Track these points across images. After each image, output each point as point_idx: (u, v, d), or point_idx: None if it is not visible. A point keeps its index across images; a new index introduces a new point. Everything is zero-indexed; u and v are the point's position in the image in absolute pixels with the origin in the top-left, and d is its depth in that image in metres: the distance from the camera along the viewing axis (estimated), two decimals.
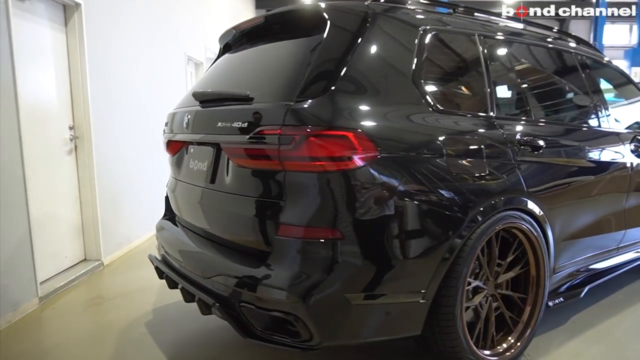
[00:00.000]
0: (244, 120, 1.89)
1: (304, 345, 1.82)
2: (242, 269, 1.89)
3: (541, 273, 2.36)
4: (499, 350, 2.24)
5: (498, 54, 2.49)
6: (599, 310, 2.93)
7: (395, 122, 1.93)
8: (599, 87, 3.05)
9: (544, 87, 2.79)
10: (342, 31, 1.96)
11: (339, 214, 1.74)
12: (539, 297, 2.37)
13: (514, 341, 2.29)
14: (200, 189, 2.27)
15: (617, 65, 3.50)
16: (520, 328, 2.32)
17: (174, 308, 3.08)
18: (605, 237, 2.86)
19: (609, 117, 2.98)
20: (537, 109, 2.57)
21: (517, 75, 2.53)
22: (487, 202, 2.06)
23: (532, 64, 2.76)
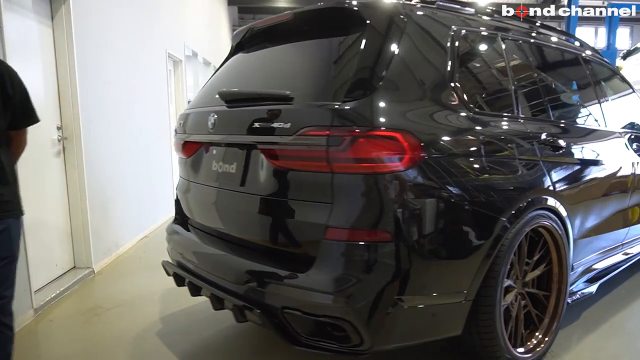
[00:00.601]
0: (287, 121, 1.86)
1: (353, 351, 1.81)
2: (286, 274, 1.85)
3: (563, 270, 2.44)
4: (530, 347, 2.30)
5: (518, 55, 2.56)
6: (606, 305, 3.05)
7: (437, 122, 1.95)
8: (605, 88, 3.19)
9: (559, 88, 2.88)
10: (381, 31, 1.96)
11: (390, 215, 1.74)
12: (561, 294, 2.44)
13: (541, 336, 2.36)
14: (227, 192, 2.22)
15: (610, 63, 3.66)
16: (545, 324, 2.39)
17: (183, 316, 3.00)
18: (613, 234, 2.99)
19: (614, 118, 3.12)
20: (554, 109, 2.65)
21: (535, 76, 2.60)
22: (521, 201, 2.11)
23: (547, 65, 2.85)
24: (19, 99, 1.99)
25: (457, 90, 2.07)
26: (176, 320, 2.94)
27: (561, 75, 2.98)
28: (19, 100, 1.99)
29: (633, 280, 3.50)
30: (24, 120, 2.04)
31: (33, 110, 2.07)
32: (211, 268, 2.22)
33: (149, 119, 5.66)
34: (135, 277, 3.82)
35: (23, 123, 2.05)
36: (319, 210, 1.81)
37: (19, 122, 2.02)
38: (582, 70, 3.08)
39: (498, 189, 2.05)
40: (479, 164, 2.01)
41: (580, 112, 2.91)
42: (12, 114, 1.97)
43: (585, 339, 2.61)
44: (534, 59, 2.69)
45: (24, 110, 2.03)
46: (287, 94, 1.93)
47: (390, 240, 1.74)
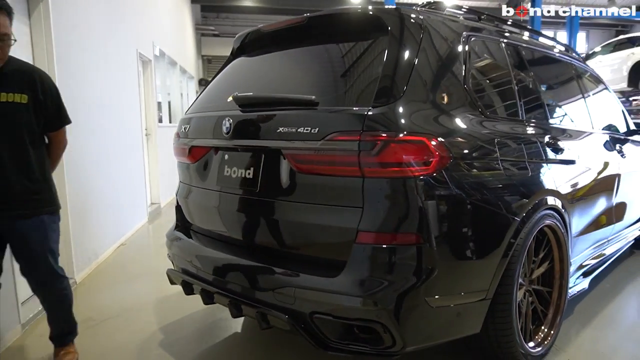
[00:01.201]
0: (314, 126, 1.89)
1: (385, 352, 1.86)
2: (315, 280, 1.88)
3: (565, 267, 2.58)
4: (538, 341, 2.43)
5: (519, 61, 2.69)
6: (595, 299, 3.25)
7: (457, 126, 2.03)
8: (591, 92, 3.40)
9: (555, 93, 3.05)
10: (402, 37, 2.02)
11: (419, 218, 1.81)
12: (563, 289, 2.59)
13: (547, 330, 2.49)
14: (242, 197, 2.22)
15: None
16: (550, 318, 2.53)
17: (183, 325, 2.96)
18: (602, 230, 3.19)
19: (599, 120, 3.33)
20: (552, 112, 2.80)
21: (534, 81, 2.74)
22: (532, 201, 2.23)
23: (543, 70, 3.01)
24: (51, 103, 2.22)
25: (471, 95, 2.17)
26: (177, 330, 2.90)
27: (555, 80, 3.15)
28: (51, 104, 2.22)
29: (614, 274, 3.74)
30: (57, 122, 2.29)
31: (64, 112, 2.32)
32: (228, 275, 2.21)
33: (124, 123, 5.52)
34: (121, 287, 3.72)
35: (57, 124, 2.30)
36: (348, 214, 1.85)
37: (53, 124, 2.27)
38: (571, 74, 3.27)
39: (513, 190, 2.16)
40: (496, 166, 2.11)
41: (573, 115, 3.09)
42: (45, 117, 2.21)
43: (583, 332, 2.78)
44: (533, 64, 2.83)
45: (56, 113, 2.26)
46: (312, 99, 1.96)
47: (421, 243, 1.81)
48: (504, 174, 2.15)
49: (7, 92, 2.10)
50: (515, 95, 2.49)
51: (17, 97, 2.12)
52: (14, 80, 2.12)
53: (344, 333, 1.90)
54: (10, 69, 2.13)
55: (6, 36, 2.02)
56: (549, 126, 2.69)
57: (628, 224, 3.75)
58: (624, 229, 3.67)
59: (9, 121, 2.12)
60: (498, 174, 2.12)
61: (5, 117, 2.11)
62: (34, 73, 2.21)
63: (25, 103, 2.14)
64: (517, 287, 2.16)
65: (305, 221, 1.98)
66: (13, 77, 2.13)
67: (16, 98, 2.12)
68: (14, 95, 2.11)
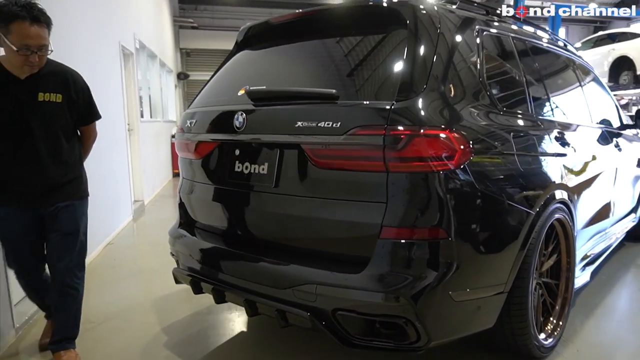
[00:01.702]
0: (335, 120, 1.88)
1: (410, 348, 1.88)
2: (337, 276, 1.88)
3: (572, 259, 2.65)
4: (549, 332, 2.48)
5: (526, 55, 2.73)
6: (594, 290, 3.34)
7: (476, 121, 2.05)
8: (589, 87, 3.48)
9: (559, 87, 3.12)
10: (421, 31, 2.03)
11: (443, 213, 1.82)
12: (570, 281, 2.66)
13: (556, 321, 2.55)
14: (256, 194, 2.20)
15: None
16: (558, 310, 2.59)
17: (186, 325, 2.93)
18: (602, 222, 3.29)
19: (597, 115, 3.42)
20: (558, 107, 2.86)
21: (540, 76, 2.80)
22: (546, 195, 2.28)
23: (548, 65, 3.06)
24: (82, 101, 2.45)
25: (487, 90, 2.19)
26: (181, 330, 2.86)
27: (559, 75, 3.22)
28: (82, 101, 2.45)
29: (609, 266, 3.85)
30: (88, 117, 2.54)
31: (95, 108, 2.55)
32: (242, 273, 2.19)
33: (108, 118, 5.37)
34: (114, 288, 3.65)
35: (89, 120, 2.54)
36: (372, 209, 1.85)
37: (85, 119, 2.52)
38: (571, 70, 3.34)
39: (528, 184, 2.21)
40: (512, 160, 2.15)
41: (575, 109, 3.16)
42: (77, 114, 2.44)
43: (587, 324, 2.86)
44: (539, 59, 2.88)
45: (87, 110, 2.50)
46: (333, 92, 1.95)
47: (445, 237, 1.82)
48: (520, 168, 2.18)
49: (44, 92, 2.31)
50: (525, 89, 2.53)
51: (53, 96, 2.33)
52: (50, 81, 2.33)
53: (367, 329, 1.90)
54: (47, 70, 2.31)
55: (45, 47, 2.21)
56: (556, 120, 2.75)
57: (623, 215, 3.87)
58: (619, 221, 3.79)
59: (46, 118, 2.33)
60: (515, 168, 2.15)
61: (43, 114, 2.32)
62: (67, 74, 2.41)
63: (60, 102, 2.35)
64: (532, 280, 2.20)
65: (326, 217, 1.97)
66: (49, 79, 2.33)
67: (52, 97, 2.33)
68: (50, 95, 2.32)
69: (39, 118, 2.30)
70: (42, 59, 2.22)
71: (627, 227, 4.06)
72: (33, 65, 2.21)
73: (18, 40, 2.11)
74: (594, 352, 2.56)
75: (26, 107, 2.28)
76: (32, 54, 2.16)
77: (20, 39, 2.11)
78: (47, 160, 2.34)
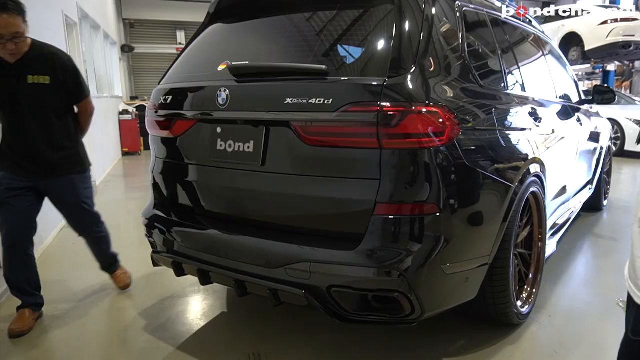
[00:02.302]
0: (327, 97, 1.89)
1: (404, 320, 1.95)
2: (332, 253, 1.91)
3: (543, 230, 2.81)
4: (524, 300, 2.64)
5: (500, 32, 2.81)
6: (558, 259, 3.56)
7: (462, 97, 2.11)
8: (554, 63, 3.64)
9: (529, 64, 3.23)
10: (409, 6, 2.04)
11: (436, 188, 1.88)
12: (542, 251, 2.82)
13: (530, 289, 2.71)
14: (242, 172, 2.18)
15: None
16: (531, 279, 2.75)
17: (163, 309, 2.89)
18: (566, 194, 3.49)
19: (562, 90, 3.60)
20: (529, 83, 2.98)
21: (513, 52, 2.89)
22: (524, 168, 2.39)
23: (520, 42, 3.17)
24: (70, 81, 2.64)
25: (469, 66, 2.26)
26: (158, 314, 2.82)
27: (529, 52, 3.34)
28: (70, 82, 2.64)
29: (568, 236, 4.09)
30: (78, 96, 2.73)
31: (82, 86, 2.73)
32: (229, 253, 2.18)
33: None
34: (79, 273, 3.51)
35: (78, 98, 2.73)
36: (365, 186, 1.89)
37: (75, 98, 2.71)
38: (539, 46, 3.48)
39: (509, 158, 2.31)
40: (495, 136, 2.24)
41: (543, 85, 3.31)
42: (67, 92, 2.64)
43: (556, 290, 3.06)
44: (511, 36, 2.98)
45: (76, 89, 2.69)
46: (323, 68, 1.95)
47: (437, 212, 1.89)
48: (502, 143, 2.28)
49: (32, 75, 2.51)
50: (500, 65, 2.62)
51: (41, 78, 2.53)
52: (38, 63, 2.53)
53: (362, 304, 1.96)
54: (36, 54, 2.53)
55: (18, 34, 2.38)
56: (528, 95, 2.87)
57: (582, 186, 4.13)
58: (579, 192, 4.03)
59: (35, 100, 2.54)
60: (497, 143, 2.25)
61: (32, 96, 2.53)
62: (55, 56, 2.61)
63: (47, 84, 2.55)
64: (513, 251, 2.33)
65: (316, 195, 1.99)
66: (37, 61, 2.53)
67: (40, 79, 2.53)
68: (39, 77, 2.53)
69: (29, 99, 2.52)
70: (19, 45, 2.41)
71: (585, 197, 4.33)
72: (13, 52, 2.41)
73: None
74: (565, 316, 2.75)
75: (17, 90, 2.49)
76: (7, 42, 2.35)
77: None
78: (40, 139, 2.56)
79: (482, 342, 2.43)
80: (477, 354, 2.35)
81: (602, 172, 4.77)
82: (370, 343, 2.43)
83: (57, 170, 2.66)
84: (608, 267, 3.54)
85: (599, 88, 4.19)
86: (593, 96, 4.14)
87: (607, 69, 11.17)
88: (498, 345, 2.41)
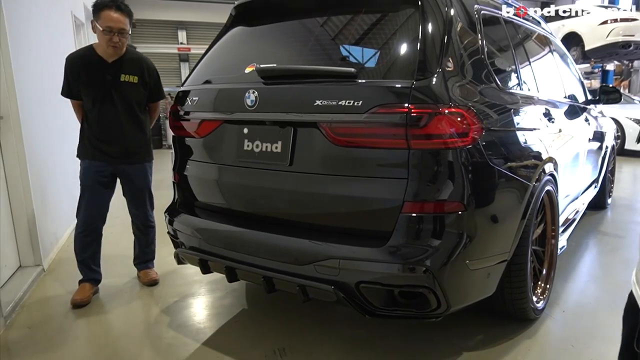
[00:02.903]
0: (357, 99, 1.95)
1: (432, 315, 2.02)
2: (361, 250, 1.97)
3: (556, 227, 2.88)
4: (538, 295, 2.71)
5: (515, 34, 2.88)
6: (567, 256, 3.63)
7: (484, 98, 2.18)
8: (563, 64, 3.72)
9: (541, 65, 3.30)
10: (433, 9, 2.10)
11: (461, 187, 1.95)
12: (554, 248, 2.90)
13: (544, 285, 2.78)
14: (269, 172, 2.24)
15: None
16: (544, 275, 2.83)
17: (187, 306, 2.95)
18: (576, 192, 3.57)
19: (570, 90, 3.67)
20: (541, 84, 3.05)
21: (527, 54, 2.96)
22: (541, 167, 2.47)
23: (532, 43, 3.24)
24: (153, 83, 3.14)
25: (488, 67, 2.32)
26: (182, 311, 2.88)
27: (541, 53, 3.41)
28: (153, 83, 3.14)
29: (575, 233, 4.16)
30: (156, 96, 3.24)
31: (162, 90, 3.26)
32: (256, 251, 2.24)
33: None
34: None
35: (156, 98, 3.25)
36: (393, 185, 1.95)
37: (153, 97, 3.21)
38: (549, 47, 3.56)
39: (528, 157, 2.39)
40: (514, 136, 2.31)
41: (555, 86, 3.38)
42: (149, 92, 3.14)
43: (567, 286, 3.14)
44: (525, 37, 3.05)
45: (156, 90, 3.20)
46: (352, 71, 2.01)
47: (463, 210, 1.96)
48: (520, 142, 2.36)
49: (125, 74, 2.98)
50: (516, 67, 2.69)
51: (131, 77, 3.00)
52: (130, 65, 3.01)
53: (389, 299, 2.03)
54: (128, 57, 3.01)
55: (124, 30, 2.87)
56: (542, 97, 2.94)
57: (589, 184, 4.21)
58: (586, 189, 4.11)
59: (125, 95, 3.00)
60: (516, 143, 2.32)
61: (123, 92, 2.99)
62: (143, 61, 3.10)
63: (135, 82, 3.02)
64: (530, 247, 2.40)
65: (344, 193, 2.05)
66: (129, 64, 3.01)
67: (130, 79, 3.00)
68: (129, 77, 3.00)
69: (120, 94, 2.97)
70: (122, 41, 2.87)
71: (591, 195, 4.41)
72: (115, 45, 2.85)
73: (104, 23, 2.80)
74: (578, 311, 2.82)
75: (111, 85, 2.94)
76: (114, 34, 2.81)
77: (105, 22, 2.80)
78: (127, 127, 3.02)
79: (499, 336, 2.50)
80: (495, 347, 2.42)
81: (607, 170, 4.85)
82: (389, 337, 2.50)
83: (135, 157, 3.08)
84: (615, 264, 3.62)
85: (605, 88, 4.27)
86: (599, 96, 4.21)
87: (606, 69, 11.27)
88: (515, 340, 2.48)
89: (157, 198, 3.38)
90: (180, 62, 15.03)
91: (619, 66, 12.22)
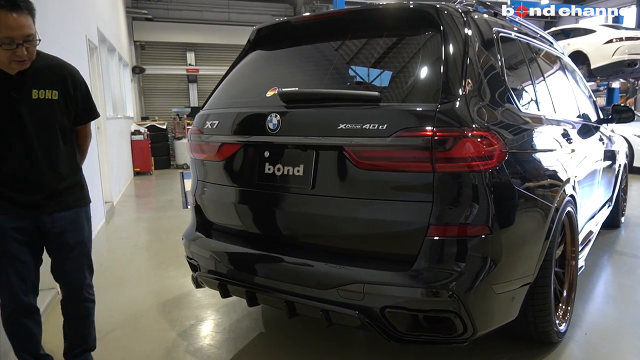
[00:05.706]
0: (381, 122, 1.95)
1: (458, 340, 1.98)
2: (385, 274, 1.95)
3: (576, 248, 2.85)
4: (560, 318, 2.66)
5: (531, 56, 2.90)
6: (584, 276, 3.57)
7: (506, 120, 2.17)
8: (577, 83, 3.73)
9: (557, 85, 3.31)
10: (455, 33, 2.12)
11: (486, 210, 1.93)
12: (574, 269, 2.86)
13: (565, 307, 2.74)
14: (291, 195, 2.23)
15: None
16: (565, 297, 2.78)
17: (204, 330, 2.92)
18: (591, 212, 3.54)
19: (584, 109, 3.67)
20: (557, 104, 3.05)
21: (542, 75, 2.97)
22: (562, 189, 2.45)
23: (547, 64, 3.25)
24: (81, 98, 2.24)
25: (509, 90, 2.32)
26: (197, 335, 2.85)
27: (556, 73, 3.42)
28: (81, 99, 2.23)
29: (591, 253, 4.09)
30: (85, 116, 2.31)
31: (93, 106, 2.34)
32: (278, 275, 2.22)
33: None
34: (110, 295, 3.55)
35: (86, 118, 2.33)
36: (418, 209, 1.94)
37: (82, 118, 2.30)
38: (563, 68, 3.57)
39: (549, 179, 2.37)
40: (536, 158, 2.30)
41: (570, 106, 3.38)
42: (75, 111, 2.23)
43: (587, 308, 3.09)
44: (540, 59, 3.06)
45: (85, 108, 2.28)
46: (376, 95, 2.01)
47: (488, 233, 1.94)
48: (542, 164, 2.35)
49: (38, 89, 2.08)
50: (533, 88, 2.70)
51: (48, 93, 2.11)
52: (45, 76, 2.11)
53: (415, 324, 1.99)
54: (41, 64, 2.10)
55: (31, 36, 1.96)
56: (559, 117, 2.94)
57: (604, 204, 4.18)
58: (601, 209, 4.08)
59: (41, 117, 2.11)
60: (537, 165, 2.31)
61: (38, 113, 2.10)
62: (64, 68, 2.20)
63: (56, 99, 2.13)
64: (553, 269, 2.37)
65: (368, 217, 2.03)
66: (44, 73, 2.11)
67: (47, 94, 2.11)
68: (45, 92, 2.11)
69: (34, 117, 2.08)
70: (30, 51, 1.96)
71: (606, 214, 4.37)
72: (22, 60, 1.96)
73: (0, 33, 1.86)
74: (600, 333, 2.77)
75: (19, 105, 2.04)
76: (17, 46, 1.91)
77: (1, 31, 1.86)
78: (44, 163, 2.12)
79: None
80: None
81: (620, 189, 4.82)
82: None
83: (59, 203, 2.18)
84: (634, 284, 3.57)
85: (618, 107, 4.26)
86: (612, 115, 4.21)
87: (611, 86, 11.28)
88: None
89: (167, 219, 3.15)
90: (189, 82, 15.20)
91: (624, 84, 12.22)
